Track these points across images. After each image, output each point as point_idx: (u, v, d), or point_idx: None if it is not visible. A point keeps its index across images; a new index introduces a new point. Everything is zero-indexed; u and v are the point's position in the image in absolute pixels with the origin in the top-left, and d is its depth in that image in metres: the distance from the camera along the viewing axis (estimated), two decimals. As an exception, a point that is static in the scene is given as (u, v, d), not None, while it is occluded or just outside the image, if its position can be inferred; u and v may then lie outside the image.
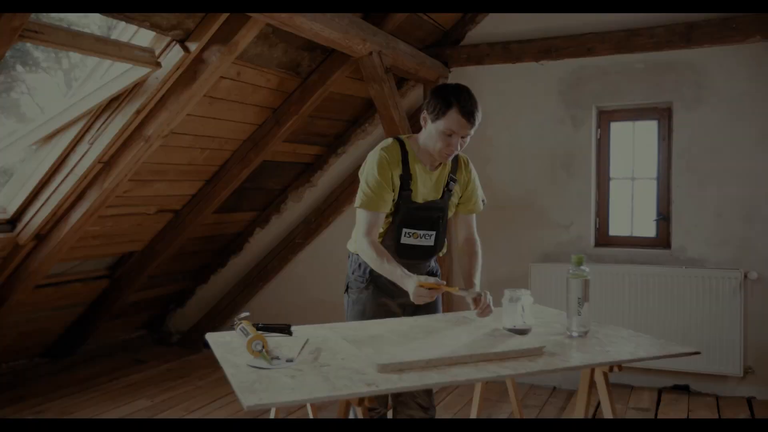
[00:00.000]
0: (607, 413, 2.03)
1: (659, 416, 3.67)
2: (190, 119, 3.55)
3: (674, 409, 3.75)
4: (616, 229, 4.33)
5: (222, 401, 3.96)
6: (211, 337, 2.18)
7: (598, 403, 3.83)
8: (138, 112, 3.11)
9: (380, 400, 2.46)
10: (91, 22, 3.62)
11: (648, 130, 4.24)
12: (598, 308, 4.11)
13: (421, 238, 2.36)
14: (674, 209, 4.07)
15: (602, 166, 4.31)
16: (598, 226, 4.32)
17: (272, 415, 2.23)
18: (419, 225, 2.35)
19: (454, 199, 2.46)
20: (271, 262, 5.05)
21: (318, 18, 2.94)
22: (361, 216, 2.30)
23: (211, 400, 3.98)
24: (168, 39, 2.96)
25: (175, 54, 2.97)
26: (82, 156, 3.23)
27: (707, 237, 3.98)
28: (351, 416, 2.50)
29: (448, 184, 2.40)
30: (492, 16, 4.42)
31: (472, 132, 2.27)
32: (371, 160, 2.31)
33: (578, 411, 2.17)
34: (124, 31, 2.97)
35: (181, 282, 5.29)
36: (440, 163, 2.39)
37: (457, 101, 2.19)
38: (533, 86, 4.33)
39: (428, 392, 2.51)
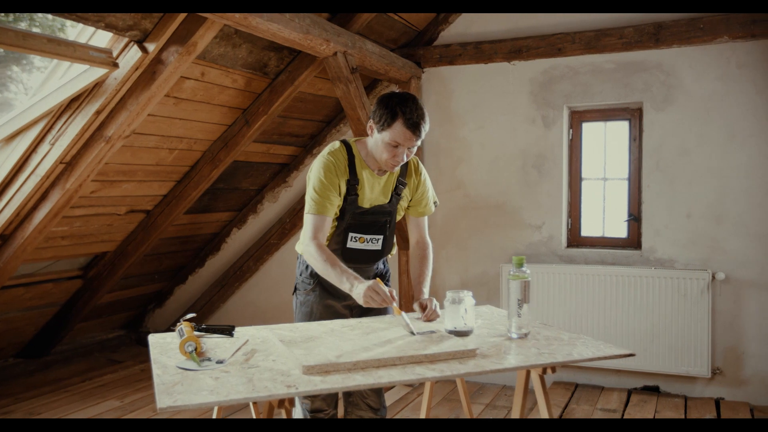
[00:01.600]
0: (543, 414, 2.02)
1: (625, 417, 3.66)
2: (155, 120, 3.54)
3: (641, 410, 3.74)
4: (588, 229, 4.33)
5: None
6: (152, 338, 2.18)
7: (566, 404, 3.84)
8: (98, 112, 3.11)
9: (328, 401, 2.45)
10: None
11: (619, 130, 4.23)
12: (567, 309, 4.12)
13: (367, 242, 2.35)
14: (644, 210, 4.06)
15: (574, 167, 4.30)
16: (570, 227, 4.31)
17: (214, 415, 2.23)
18: (366, 229, 2.34)
19: (404, 203, 2.44)
20: (247, 262, 5.05)
21: (275, 18, 2.93)
22: (307, 220, 2.29)
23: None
24: (126, 40, 2.96)
25: (133, 55, 2.97)
26: (44, 156, 3.23)
27: (676, 237, 3.97)
28: (298, 416, 2.51)
29: (396, 188, 2.39)
30: (464, 17, 4.42)
31: (419, 142, 2.25)
32: (317, 165, 2.30)
33: (514, 412, 2.16)
34: (83, 32, 2.97)
35: (158, 282, 5.29)
36: None
37: (403, 113, 2.16)
38: (505, 86, 4.33)
39: (378, 393, 2.51)
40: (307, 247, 2.25)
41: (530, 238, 4.31)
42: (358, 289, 2.11)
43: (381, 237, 2.36)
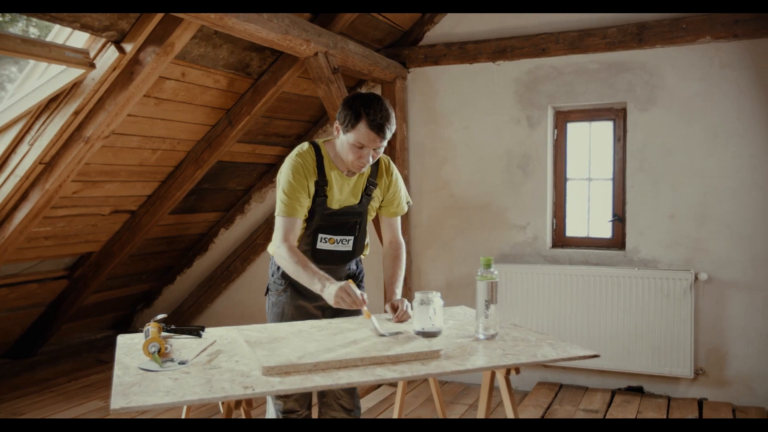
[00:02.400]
0: (509, 414, 2.02)
1: (607, 417, 3.65)
2: (136, 120, 3.54)
3: (624, 411, 3.74)
4: (572, 230, 4.32)
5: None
6: (121, 339, 2.19)
7: (549, 405, 3.84)
8: (76, 113, 3.11)
9: (301, 402, 2.45)
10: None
11: (604, 130, 4.23)
12: (551, 309, 4.12)
13: (337, 243, 2.35)
14: (628, 210, 4.06)
15: (559, 167, 4.29)
16: (555, 227, 4.31)
17: (183, 415, 2.23)
18: (336, 230, 2.34)
19: (375, 204, 2.44)
20: (234, 262, 5.05)
21: (252, 19, 2.92)
22: (278, 222, 2.29)
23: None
24: (103, 40, 2.96)
25: (111, 55, 2.97)
26: (23, 157, 3.23)
27: (660, 238, 3.97)
28: (271, 416, 2.51)
29: (367, 188, 2.38)
30: (450, 17, 4.41)
31: (385, 143, 2.24)
32: (286, 166, 2.30)
33: (480, 412, 2.16)
34: (61, 32, 2.97)
35: (146, 282, 5.29)
36: None
37: (367, 114, 2.15)
38: (490, 86, 4.32)
39: (351, 394, 2.50)
40: (278, 249, 2.25)
41: (515, 238, 4.31)
42: (329, 289, 2.11)
43: (352, 238, 2.36)
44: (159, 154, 3.97)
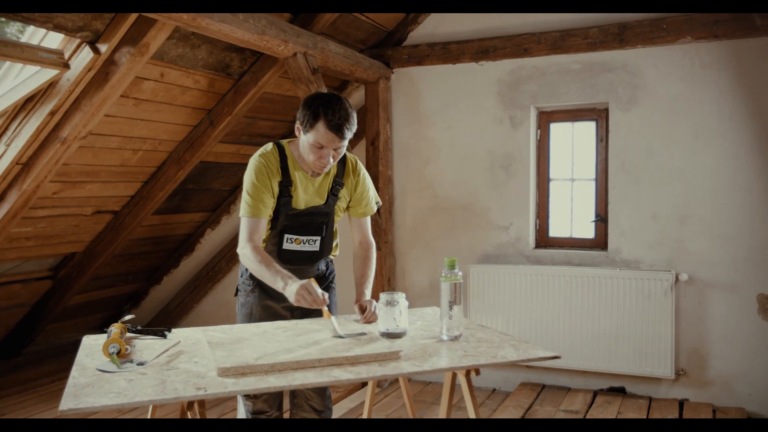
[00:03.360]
0: (470, 414, 2.01)
1: (587, 417, 3.65)
2: (115, 120, 3.54)
3: (604, 411, 3.73)
4: (556, 230, 4.32)
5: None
6: (86, 340, 2.19)
7: (530, 405, 3.83)
8: (52, 113, 3.11)
9: (270, 403, 2.44)
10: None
11: (587, 131, 4.22)
12: (533, 310, 4.12)
13: (303, 243, 2.34)
14: (611, 210, 4.05)
15: (542, 167, 4.29)
16: (538, 228, 4.31)
17: (149, 415, 2.22)
18: (301, 231, 2.33)
19: (342, 204, 2.43)
20: (219, 262, 5.05)
21: (227, 19, 2.92)
22: (243, 223, 2.29)
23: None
24: (78, 41, 2.96)
25: (86, 56, 2.97)
26: (0, 157, 3.22)
27: (642, 238, 3.96)
28: (241, 416, 2.51)
29: (333, 188, 2.37)
30: (433, 17, 4.41)
31: (345, 143, 2.23)
32: (250, 167, 2.30)
33: (441, 412, 2.15)
34: (36, 33, 2.97)
35: (132, 283, 5.29)
36: None
37: (325, 114, 2.14)
38: (473, 87, 4.32)
39: (322, 395, 2.50)
40: (242, 249, 2.25)
41: (498, 238, 4.30)
42: (290, 288, 2.10)
43: (318, 238, 2.36)
44: (140, 155, 3.96)
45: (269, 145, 2.34)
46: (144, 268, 5.21)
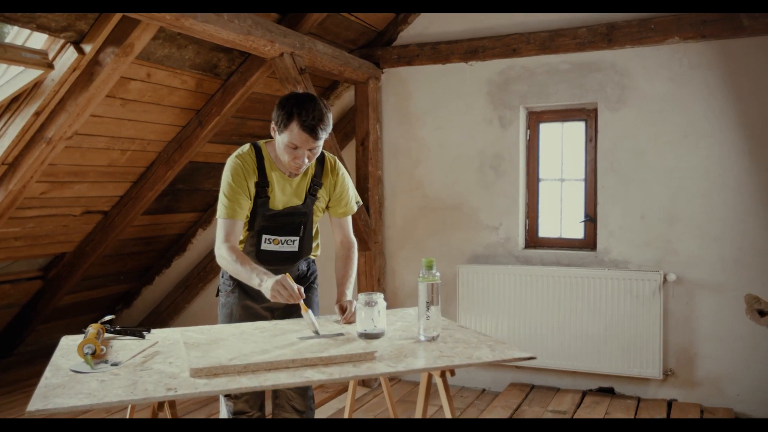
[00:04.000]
0: (447, 414, 2.01)
1: (574, 418, 3.65)
2: (102, 121, 3.54)
3: (592, 412, 3.73)
4: (545, 230, 4.31)
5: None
6: (64, 340, 2.19)
7: (518, 405, 3.83)
8: (37, 113, 3.10)
9: (251, 403, 2.44)
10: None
11: (577, 131, 4.22)
12: (522, 310, 4.11)
13: (282, 244, 2.34)
14: (600, 211, 4.05)
15: (531, 168, 4.29)
16: (527, 228, 4.30)
17: (127, 415, 2.23)
18: (280, 231, 2.33)
19: (321, 204, 2.43)
20: (210, 263, 5.05)
21: (211, 19, 2.92)
22: (219, 224, 2.30)
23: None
24: (62, 41, 2.95)
25: (70, 56, 2.97)
26: (-15, 158, 3.23)
27: (630, 238, 3.96)
28: (223, 416, 2.51)
29: (311, 188, 2.37)
30: (423, 17, 4.41)
31: (320, 143, 2.23)
32: (226, 168, 2.30)
33: (417, 412, 2.15)
34: (20, 33, 2.97)
35: (124, 283, 5.29)
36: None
37: (299, 115, 2.13)
38: (462, 87, 4.32)
39: (303, 396, 2.50)
40: (218, 250, 2.26)
41: (488, 239, 4.30)
42: (266, 283, 2.10)
43: (297, 238, 2.36)
44: (129, 155, 3.96)
45: (246, 146, 2.34)
46: (136, 268, 5.21)
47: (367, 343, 2.01)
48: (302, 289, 2.09)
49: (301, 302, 2.09)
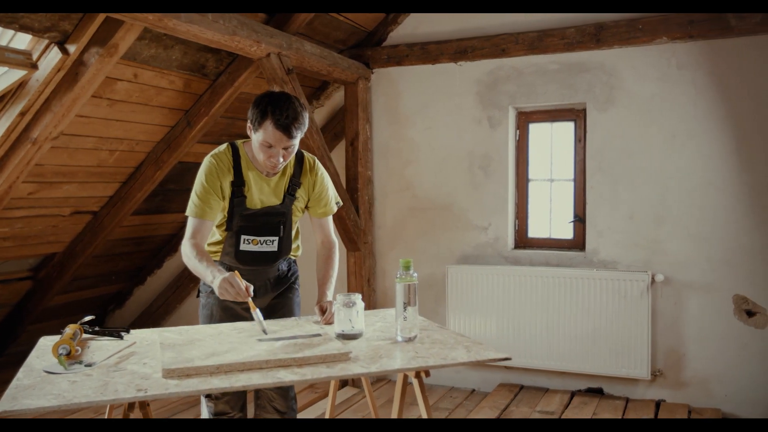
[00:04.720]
0: (423, 414, 2.01)
1: (562, 418, 3.64)
2: (90, 121, 3.54)
3: (580, 412, 3.73)
4: (535, 231, 4.31)
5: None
6: (43, 341, 2.19)
7: (506, 406, 3.83)
8: (22, 113, 3.10)
9: (232, 404, 2.44)
10: None
11: (566, 131, 4.22)
12: (511, 310, 4.11)
13: (261, 244, 2.34)
14: (588, 211, 4.05)
15: (521, 168, 4.28)
16: (517, 228, 4.30)
17: (106, 415, 2.22)
18: (258, 231, 2.33)
19: (300, 204, 2.42)
20: (201, 263, 5.04)
21: (195, 20, 2.92)
22: (188, 222, 2.30)
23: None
24: (46, 41, 2.95)
25: (54, 56, 2.96)
26: (-29, 158, 3.22)
27: (619, 239, 3.96)
28: (204, 416, 2.50)
29: (290, 188, 2.37)
30: (413, 17, 4.40)
31: (296, 142, 2.22)
32: (201, 168, 2.30)
33: (393, 412, 2.15)
34: (4, 33, 2.97)
35: (116, 283, 5.29)
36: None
37: (273, 113, 2.13)
38: (452, 87, 4.31)
39: (285, 396, 2.50)
40: (183, 247, 2.27)
41: (477, 239, 4.30)
42: (217, 280, 2.09)
43: (276, 238, 2.35)
44: (117, 155, 3.96)
45: (223, 146, 2.34)
46: (127, 268, 5.21)
47: (344, 344, 2.01)
48: (251, 288, 2.07)
49: (249, 300, 2.08)
